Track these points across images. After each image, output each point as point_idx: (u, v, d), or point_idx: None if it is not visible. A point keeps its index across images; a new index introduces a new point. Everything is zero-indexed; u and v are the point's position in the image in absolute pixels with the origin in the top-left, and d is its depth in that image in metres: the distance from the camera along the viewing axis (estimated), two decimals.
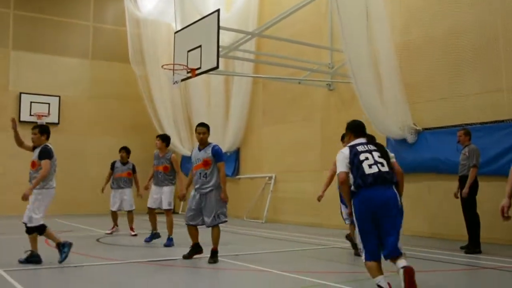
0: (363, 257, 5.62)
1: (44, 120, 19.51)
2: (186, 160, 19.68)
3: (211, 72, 13.30)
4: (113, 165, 12.81)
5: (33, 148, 8.40)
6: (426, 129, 11.85)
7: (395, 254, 5.42)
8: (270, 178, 16.61)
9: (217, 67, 12.57)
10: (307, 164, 15.12)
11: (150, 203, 10.82)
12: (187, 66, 13.22)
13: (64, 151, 19.83)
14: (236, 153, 18.31)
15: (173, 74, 13.82)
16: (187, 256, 8.57)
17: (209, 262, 8.19)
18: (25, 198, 7.79)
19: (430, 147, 11.66)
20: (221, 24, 12.66)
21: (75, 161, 19.84)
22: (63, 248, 8.00)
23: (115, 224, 12.80)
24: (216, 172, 8.48)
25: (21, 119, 19.39)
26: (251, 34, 14.34)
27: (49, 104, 19.88)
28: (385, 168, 5.69)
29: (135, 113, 20.74)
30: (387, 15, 12.19)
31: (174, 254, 9.08)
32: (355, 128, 6.16)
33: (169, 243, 10.35)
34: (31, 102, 19.60)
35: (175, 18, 18.39)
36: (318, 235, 12.36)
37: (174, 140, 19.77)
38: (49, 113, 19.78)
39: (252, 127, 17.79)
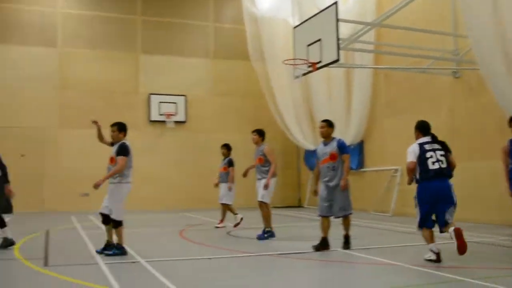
0: (417, 225, 7.63)
1: (172, 119, 20.41)
2: (309, 154, 19.80)
3: (331, 65, 13.21)
4: None
5: (112, 144, 8.72)
6: None
7: (445, 224, 7.32)
8: (396, 170, 16.21)
9: (338, 59, 12.47)
10: None
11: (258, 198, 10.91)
12: (307, 60, 13.22)
13: (192, 148, 20.71)
14: (360, 145, 18.04)
15: (294, 69, 13.88)
16: (318, 248, 8.74)
17: (344, 248, 8.61)
18: (96, 186, 8.13)
19: None
20: (339, 16, 12.52)
21: (202, 157, 20.52)
22: (117, 249, 8.36)
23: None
24: (342, 164, 8.80)
25: (151, 118, 20.37)
26: (370, 24, 14.06)
27: (176, 103, 20.68)
28: (444, 165, 7.46)
29: (257, 109, 21.07)
30: None
31: (303, 247, 9.10)
32: (423, 128, 7.79)
33: (261, 236, 10.46)
34: (159, 102, 20.48)
35: (292, 14, 18.48)
36: None
37: (297, 135, 19.92)
38: (176, 112, 20.57)
39: (375, 119, 17.45)
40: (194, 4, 21.76)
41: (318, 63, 12.98)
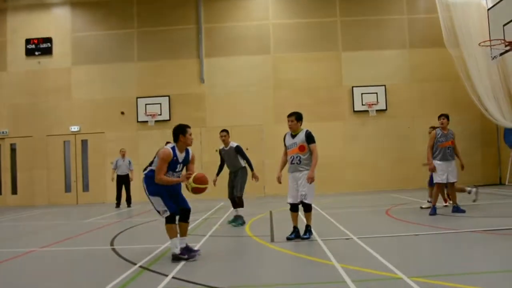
0: None
1: (374, 108, 20.14)
2: (508, 132, 18.44)
3: None
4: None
5: (291, 136, 8.26)
6: None
7: None
8: None
9: None
10: None
11: (438, 178, 10.58)
12: (504, 40, 12.16)
13: (393, 134, 20.26)
14: None
15: (491, 50, 12.85)
16: None
17: None
18: (311, 180, 7.92)
19: None
20: None
21: (403, 142, 20.00)
22: (309, 230, 8.19)
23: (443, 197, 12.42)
24: None
25: (355, 109, 20.29)
26: None
27: (376, 93, 20.33)
28: None
29: (454, 92, 19.84)
30: None
31: (507, 224, 8.40)
32: None
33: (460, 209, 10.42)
34: (361, 94, 20.32)
35: None
36: None
37: (495, 114, 18.41)
38: (377, 101, 20.23)
39: None
40: (388, 1, 21.19)
41: None
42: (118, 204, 17.12)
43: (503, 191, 16.13)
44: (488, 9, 13.61)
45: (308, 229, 8.21)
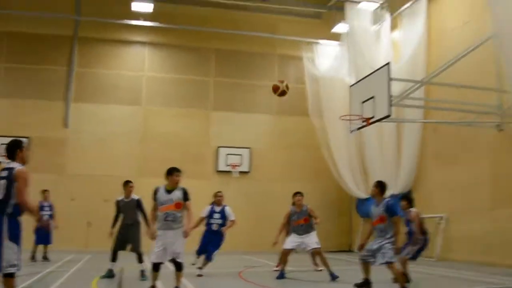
0: None
1: (237, 169, 20.43)
2: (360, 202, 19.53)
3: (383, 120, 12.95)
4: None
5: (166, 191, 7.99)
6: None
7: None
8: (441, 218, 15.47)
9: (389, 115, 12.24)
10: (477, 204, 13.94)
11: (287, 245, 10.88)
12: (362, 116, 13.04)
13: (254, 196, 20.51)
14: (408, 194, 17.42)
15: (350, 124, 13.72)
16: (359, 286, 8.56)
17: None
18: (187, 235, 7.84)
19: None
20: (391, 75, 12.36)
21: (264, 204, 20.26)
22: None
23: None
24: (392, 226, 8.32)
25: (219, 169, 20.49)
26: (420, 82, 13.81)
27: (241, 155, 20.73)
28: None
29: (316, 160, 20.69)
30: None
31: None
32: None
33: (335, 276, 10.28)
34: (226, 154, 20.62)
35: (349, 74, 18.41)
36: (491, 274, 11.26)
37: (350, 184, 19.57)
38: (241, 163, 20.62)
39: (423, 169, 16.86)
40: (260, 67, 22.01)
41: (371, 118, 12.80)
42: None
43: (352, 258, 16.87)
44: (350, 86, 14.61)
45: None
